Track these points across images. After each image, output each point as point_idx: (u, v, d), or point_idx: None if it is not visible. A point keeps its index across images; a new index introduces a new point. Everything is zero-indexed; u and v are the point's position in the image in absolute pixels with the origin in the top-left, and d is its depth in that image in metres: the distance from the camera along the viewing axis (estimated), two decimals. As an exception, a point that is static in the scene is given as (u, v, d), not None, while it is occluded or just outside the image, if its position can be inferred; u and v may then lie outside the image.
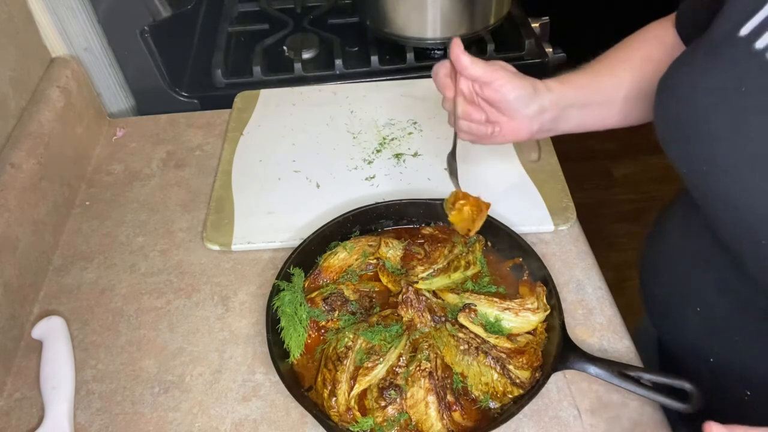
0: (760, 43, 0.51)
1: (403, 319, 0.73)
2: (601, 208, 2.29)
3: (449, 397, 0.67)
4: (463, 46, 0.69)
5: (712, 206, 0.59)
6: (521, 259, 0.81)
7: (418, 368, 0.68)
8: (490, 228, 0.82)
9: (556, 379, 0.72)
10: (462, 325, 0.72)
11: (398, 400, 0.66)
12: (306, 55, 1.22)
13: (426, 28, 1.17)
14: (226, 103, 1.12)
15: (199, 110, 1.16)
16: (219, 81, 1.17)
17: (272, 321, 0.73)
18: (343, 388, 0.66)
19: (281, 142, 1.04)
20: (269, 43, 1.25)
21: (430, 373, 0.67)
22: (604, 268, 0.85)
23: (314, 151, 1.02)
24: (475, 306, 0.72)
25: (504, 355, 0.69)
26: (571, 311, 0.79)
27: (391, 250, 0.80)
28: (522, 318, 0.72)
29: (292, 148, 1.03)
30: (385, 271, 0.79)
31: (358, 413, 0.67)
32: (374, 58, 1.20)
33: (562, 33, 1.36)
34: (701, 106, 0.55)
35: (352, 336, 0.70)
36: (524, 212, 0.89)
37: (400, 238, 0.82)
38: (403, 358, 0.70)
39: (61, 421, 0.69)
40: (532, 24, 1.29)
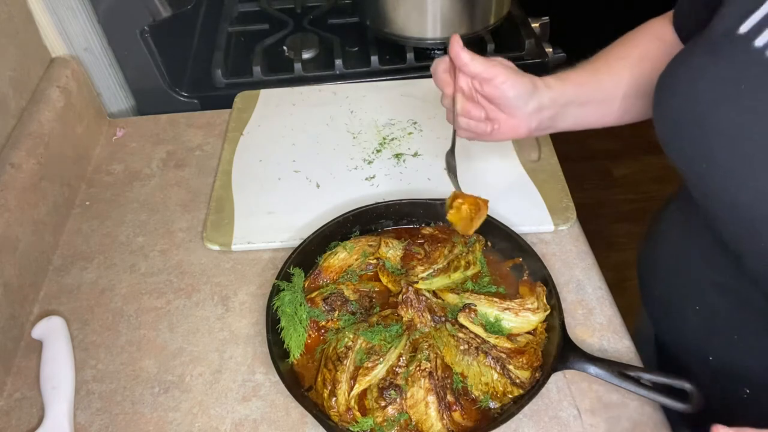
0: (760, 41, 0.51)
1: (403, 319, 0.73)
2: (601, 208, 2.29)
3: (449, 397, 0.67)
4: (462, 44, 0.69)
5: (712, 205, 0.59)
6: (521, 259, 0.80)
7: (418, 368, 0.68)
8: (490, 228, 0.82)
9: (556, 379, 0.72)
10: (462, 325, 0.72)
11: (398, 400, 0.66)
12: (306, 55, 1.22)
13: (426, 28, 1.17)
14: (226, 103, 1.12)
15: (199, 110, 1.16)
16: (219, 81, 1.17)
17: (272, 321, 0.73)
18: (343, 388, 0.66)
19: (281, 142, 1.04)
20: (269, 43, 1.25)
21: (430, 373, 0.67)
22: (604, 268, 0.85)
23: (314, 151, 1.02)
24: (475, 306, 0.72)
25: (504, 355, 0.69)
26: (571, 311, 0.79)
27: (391, 250, 0.80)
28: (522, 318, 0.72)
29: (292, 148, 1.03)
30: (385, 271, 0.79)
31: (358, 413, 0.67)
32: (374, 58, 1.20)
33: (562, 33, 1.36)
34: (700, 104, 0.55)
35: (352, 336, 0.70)
36: (524, 212, 0.89)
37: (400, 238, 0.82)
38: (403, 358, 0.70)
39: (61, 421, 0.69)
40: (532, 24, 1.29)
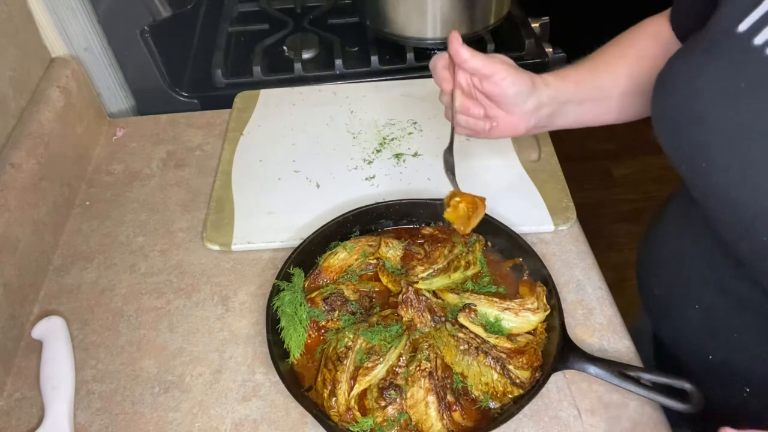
0: (759, 39, 0.51)
1: (403, 319, 0.73)
2: (601, 208, 2.29)
3: (449, 397, 0.67)
4: (462, 41, 0.68)
5: (711, 204, 0.59)
6: (521, 259, 0.80)
7: (418, 368, 0.68)
8: (490, 228, 0.82)
9: (556, 379, 0.72)
10: (462, 325, 0.72)
11: (398, 400, 0.66)
12: (306, 55, 1.22)
13: (426, 28, 1.17)
14: (226, 103, 1.12)
15: (199, 110, 1.16)
16: (219, 81, 1.17)
17: (272, 321, 0.73)
18: (343, 388, 0.66)
19: (281, 142, 1.04)
20: (269, 43, 1.25)
21: (430, 373, 0.67)
22: (604, 268, 0.85)
23: (314, 151, 1.02)
24: (475, 306, 0.72)
25: (504, 355, 0.69)
26: (571, 311, 0.79)
27: (391, 250, 0.80)
28: (522, 318, 0.72)
29: (292, 148, 1.03)
30: (385, 271, 0.79)
31: (358, 413, 0.67)
32: (374, 58, 1.20)
33: (562, 33, 1.36)
34: (699, 103, 0.55)
35: (352, 336, 0.70)
36: (524, 212, 0.89)
37: (400, 238, 0.82)
38: (403, 358, 0.70)
39: (61, 421, 0.69)
40: (532, 24, 1.29)
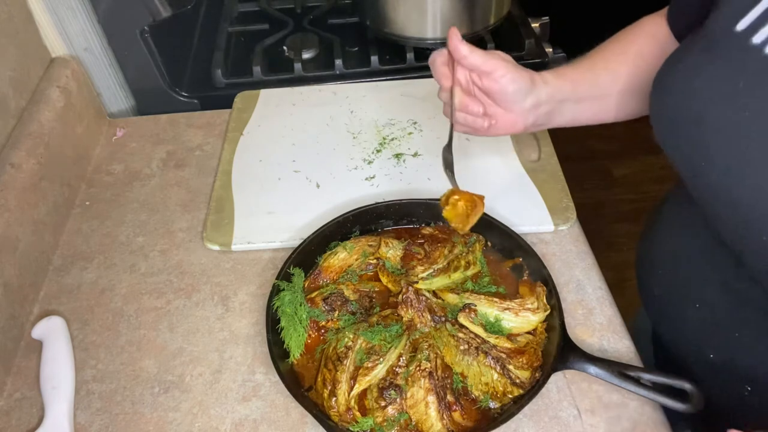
0: (758, 38, 0.51)
1: (403, 319, 0.73)
2: (601, 208, 2.29)
3: (449, 397, 0.67)
4: (461, 37, 0.68)
5: (710, 203, 0.59)
6: (521, 259, 0.80)
7: (418, 368, 0.68)
8: (490, 228, 0.82)
9: (556, 379, 0.72)
10: (462, 325, 0.72)
11: (398, 400, 0.66)
12: (306, 55, 1.22)
13: (426, 28, 1.17)
14: (226, 103, 1.12)
15: (199, 110, 1.16)
16: (219, 81, 1.17)
17: (272, 321, 0.73)
18: (343, 388, 0.66)
19: (281, 142, 1.04)
20: (269, 43, 1.25)
21: (430, 373, 0.67)
22: (604, 268, 0.85)
23: (314, 151, 1.02)
24: (475, 306, 0.72)
25: (504, 355, 0.69)
26: (571, 311, 0.79)
27: (391, 250, 0.80)
28: (522, 318, 0.72)
29: (292, 148, 1.03)
30: (385, 271, 0.79)
31: (358, 413, 0.67)
32: (374, 58, 1.20)
33: (562, 33, 1.36)
34: (698, 103, 0.55)
35: (352, 336, 0.70)
36: (524, 212, 0.89)
37: (400, 238, 0.82)
38: (403, 358, 0.70)
39: (61, 421, 0.69)
40: (532, 24, 1.29)
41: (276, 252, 0.88)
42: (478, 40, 1.22)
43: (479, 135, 0.77)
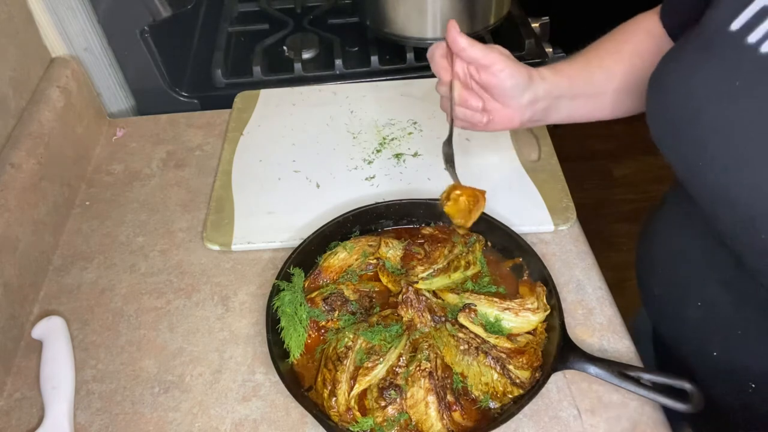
0: (753, 38, 0.51)
1: (403, 319, 0.73)
2: (601, 208, 2.29)
3: (449, 397, 0.67)
4: (459, 29, 0.68)
5: (709, 203, 0.59)
6: (521, 259, 0.80)
7: (418, 368, 0.68)
8: (490, 228, 0.82)
9: (556, 379, 0.72)
10: (462, 325, 0.72)
11: (398, 400, 0.66)
12: (306, 55, 1.22)
13: (426, 28, 1.17)
14: (226, 103, 1.12)
15: (199, 110, 1.16)
16: (219, 81, 1.18)
17: (272, 321, 0.73)
18: (343, 388, 0.66)
19: (281, 142, 1.04)
20: (269, 43, 1.25)
21: (430, 373, 0.67)
22: (604, 268, 0.85)
23: (314, 151, 1.02)
24: (475, 306, 0.72)
25: (504, 355, 0.69)
26: (571, 311, 0.79)
27: (391, 250, 0.80)
28: (522, 318, 0.72)
29: (292, 148, 1.03)
30: (385, 271, 0.79)
31: (358, 413, 0.67)
32: (374, 58, 1.20)
33: (562, 33, 1.36)
34: (694, 102, 0.55)
35: (352, 336, 0.70)
36: (524, 212, 0.89)
37: (400, 238, 0.82)
38: (403, 358, 0.70)
39: (61, 421, 0.69)
40: (532, 24, 1.29)
41: (276, 252, 0.88)
42: (478, 40, 1.22)
43: (476, 130, 0.76)
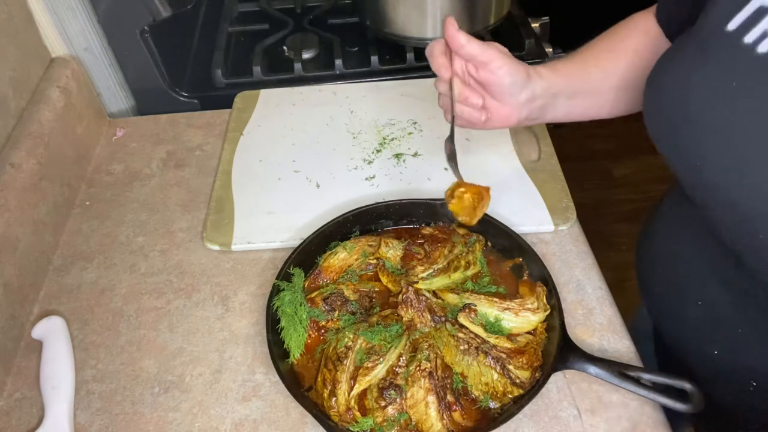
0: (749, 38, 0.51)
1: (403, 319, 0.73)
2: (601, 208, 2.29)
3: (449, 397, 0.67)
4: (458, 26, 0.68)
5: (708, 203, 0.59)
6: (521, 259, 0.80)
7: (418, 368, 0.68)
8: (490, 228, 0.82)
9: (556, 379, 0.72)
10: (462, 325, 0.72)
11: (398, 400, 0.66)
12: (306, 55, 1.23)
13: (426, 28, 1.17)
14: (226, 103, 1.12)
15: (199, 110, 1.16)
16: (219, 81, 1.18)
17: (272, 321, 0.73)
18: (343, 388, 0.66)
19: (281, 142, 1.04)
20: (269, 43, 1.25)
21: (430, 373, 0.67)
22: (604, 268, 0.85)
23: (314, 151, 1.02)
24: (475, 306, 0.72)
25: (504, 355, 0.69)
26: (571, 311, 0.79)
27: (391, 250, 0.80)
28: (522, 318, 0.72)
29: (292, 148, 1.03)
30: (385, 271, 0.79)
31: (358, 413, 0.67)
32: (374, 58, 1.20)
33: (562, 33, 1.36)
34: (692, 102, 0.55)
35: (352, 336, 0.70)
36: (524, 212, 0.89)
37: (400, 238, 0.82)
38: (403, 358, 0.70)
39: (61, 421, 0.69)
40: (532, 24, 1.29)
41: (276, 252, 0.88)
42: (478, 40, 1.22)
43: (475, 128, 0.76)
